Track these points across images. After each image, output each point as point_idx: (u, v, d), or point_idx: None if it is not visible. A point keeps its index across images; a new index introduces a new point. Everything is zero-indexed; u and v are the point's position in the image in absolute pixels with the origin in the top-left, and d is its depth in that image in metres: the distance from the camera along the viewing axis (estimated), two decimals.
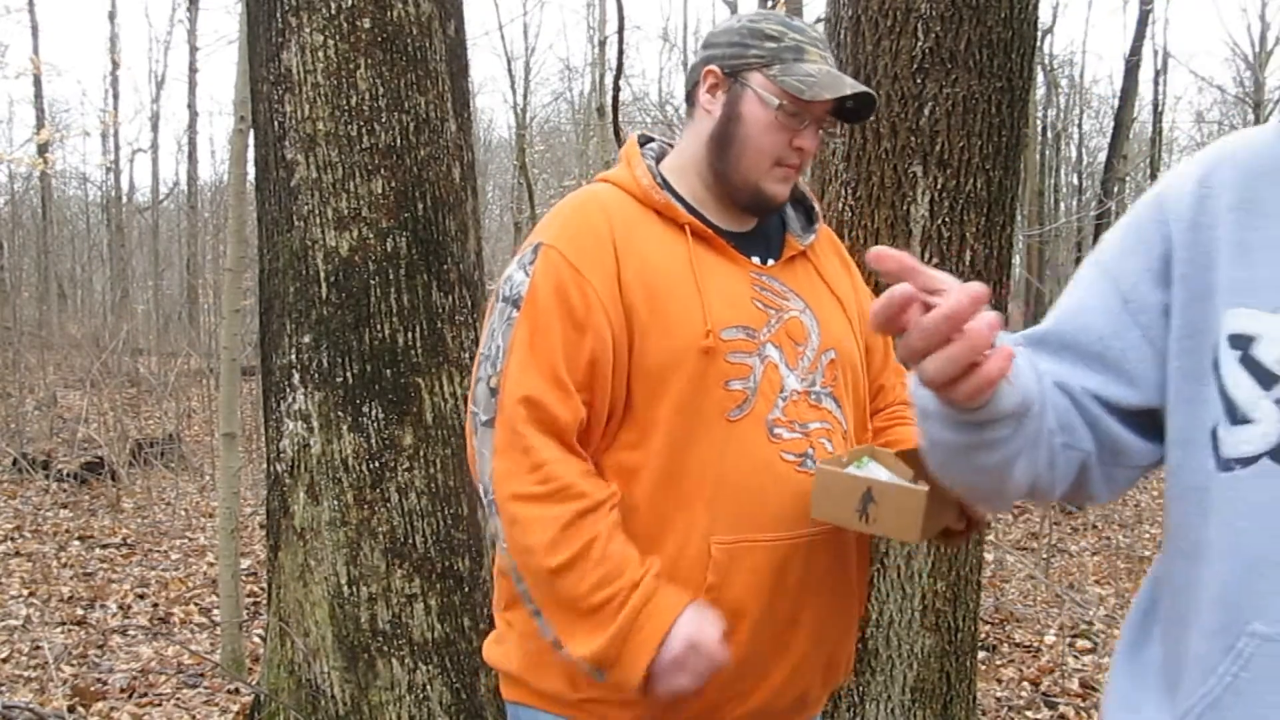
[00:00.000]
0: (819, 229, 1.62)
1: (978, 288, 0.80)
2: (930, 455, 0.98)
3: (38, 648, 4.24)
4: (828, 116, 1.48)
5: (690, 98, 1.55)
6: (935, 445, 0.95)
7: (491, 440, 1.37)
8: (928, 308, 0.81)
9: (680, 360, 1.39)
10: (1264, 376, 0.87)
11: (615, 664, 1.33)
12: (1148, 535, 6.64)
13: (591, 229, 1.43)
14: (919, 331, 0.80)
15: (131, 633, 4.63)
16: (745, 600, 1.40)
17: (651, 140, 1.61)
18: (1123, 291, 0.97)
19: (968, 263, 2.33)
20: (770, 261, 1.53)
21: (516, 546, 1.35)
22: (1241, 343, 0.88)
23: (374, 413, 2.79)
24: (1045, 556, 5.97)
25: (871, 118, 1.59)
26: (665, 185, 1.51)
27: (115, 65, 20.54)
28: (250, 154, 3.51)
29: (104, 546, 6.13)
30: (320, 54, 2.78)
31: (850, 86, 1.44)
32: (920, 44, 2.28)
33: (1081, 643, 4.59)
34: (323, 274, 2.79)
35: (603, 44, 12.25)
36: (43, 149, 15.37)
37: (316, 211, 2.79)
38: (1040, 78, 16.92)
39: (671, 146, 1.61)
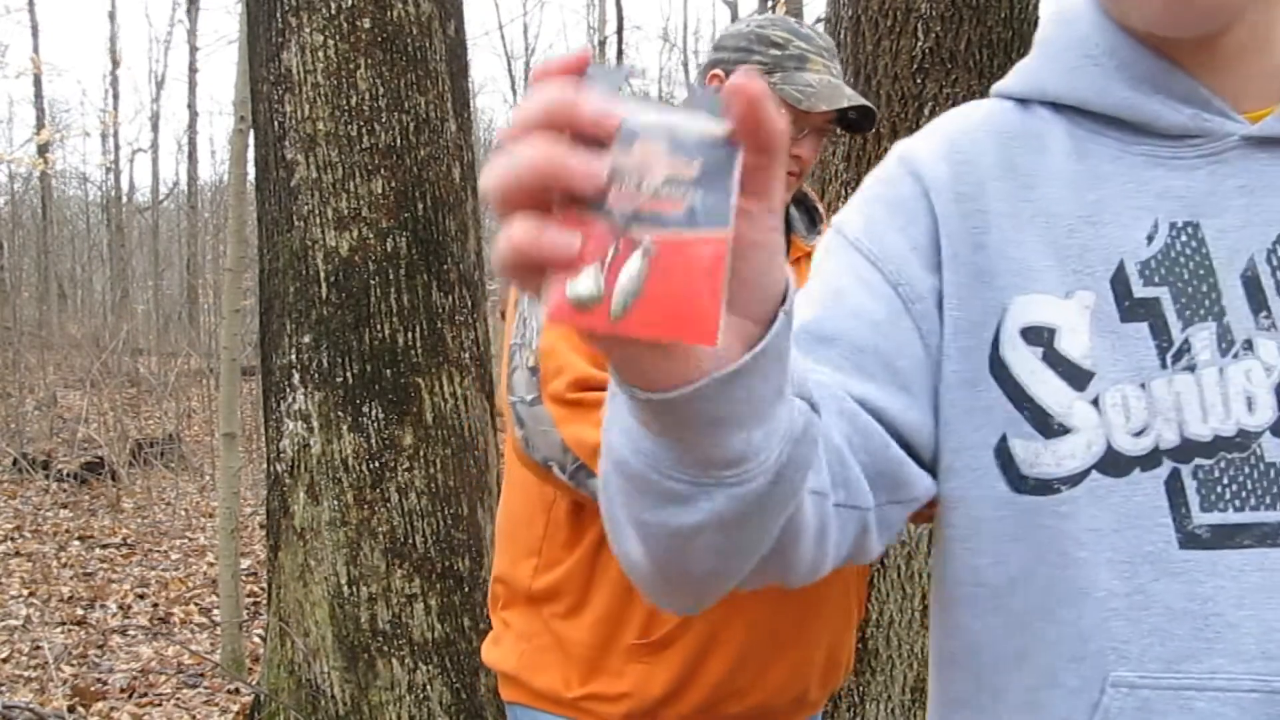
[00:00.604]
0: (823, 230, 1.62)
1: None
2: (602, 488, 0.62)
3: (38, 648, 4.24)
4: (828, 125, 1.49)
5: None
6: (611, 460, 0.59)
7: (547, 416, 1.35)
8: None
9: None
10: (1074, 375, 0.71)
11: None
12: None
13: None
14: (514, 118, 0.44)
15: (131, 633, 4.63)
16: (741, 595, 1.40)
17: None
18: (888, 275, 0.75)
19: None
20: None
21: None
22: (1040, 337, 0.72)
23: (374, 413, 2.79)
24: None
25: (873, 129, 1.59)
26: None
27: (115, 65, 20.55)
28: (250, 154, 3.51)
29: (104, 546, 6.13)
30: (320, 54, 2.78)
31: (848, 99, 1.44)
32: (920, 44, 2.28)
33: None
34: (323, 274, 2.80)
35: (603, 44, 12.26)
36: (43, 149, 15.37)
37: (316, 211, 2.80)
38: None
39: None
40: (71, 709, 3.65)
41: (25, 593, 5.13)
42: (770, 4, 11.68)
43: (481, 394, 3.00)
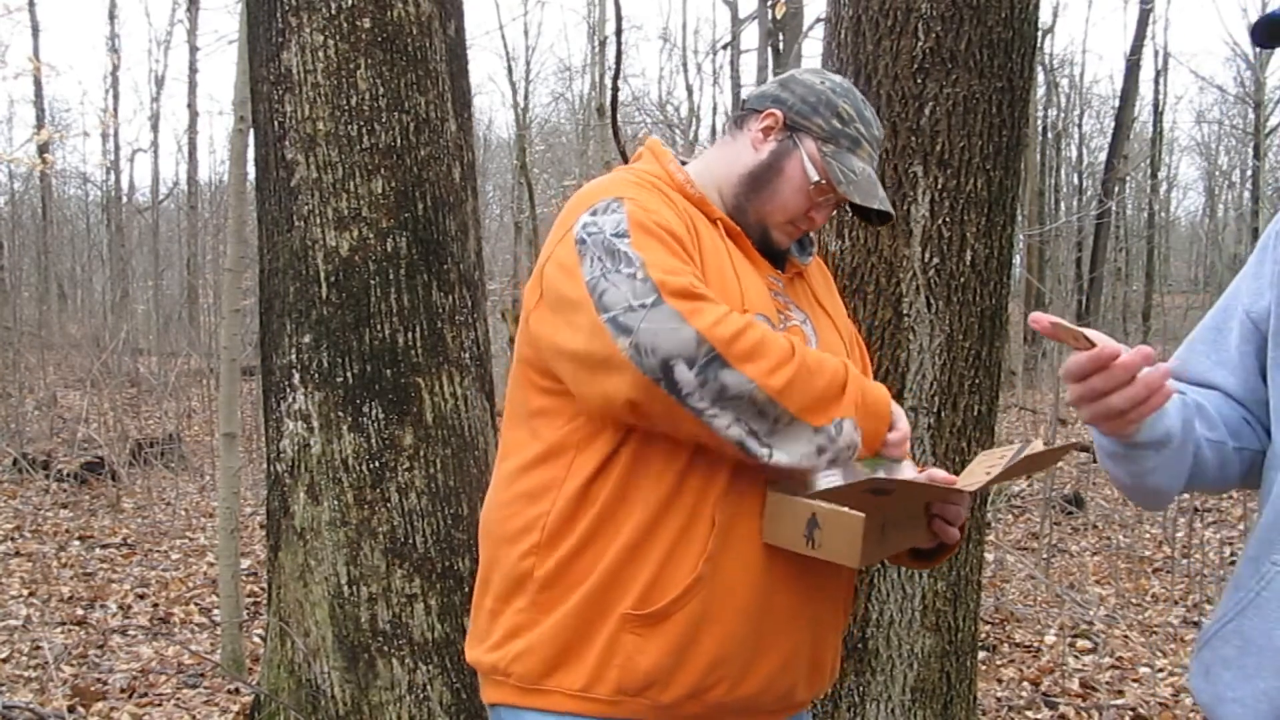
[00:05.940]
0: (814, 252, 1.72)
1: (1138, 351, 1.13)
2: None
3: (38, 648, 4.24)
4: (847, 203, 1.59)
5: (741, 120, 1.61)
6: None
7: (674, 312, 1.33)
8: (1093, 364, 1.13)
9: None
10: None
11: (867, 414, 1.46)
12: (1147, 535, 6.64)
13: (658, 194, 1.50)
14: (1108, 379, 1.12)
15: (131, 633, 4.63)
16: (740, 579, 1.42)
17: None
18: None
19: (968, 263, 2.33)
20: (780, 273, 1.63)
21: (767, 369, 1.35)
22: None
23: (374, 413, 2.79)
24: (1045, 556, 5.98)
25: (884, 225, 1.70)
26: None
27: (115, 65, 20.55)
28: (250, 154, 3.51)
29: (104, 546, 6.13)
30: (320, 54, 2.78)
31: (879, 202, 1.55)
32: (920, 44, 2.28)
33: (1082, 643, 4.58)
34: (323, 274, 2.79)
35: (603, 44, 12.25)
36: (43, 149, 15.34)
37: (316, 211, 2.80)
38: (1040, 78, 16.92)
39: (684, 161, 1.64)
40: (71, 709, 3.65)
41: (25, 593, 5.13)
42: (769, 3, 11.67)
43: (481, 394, 3.00)
